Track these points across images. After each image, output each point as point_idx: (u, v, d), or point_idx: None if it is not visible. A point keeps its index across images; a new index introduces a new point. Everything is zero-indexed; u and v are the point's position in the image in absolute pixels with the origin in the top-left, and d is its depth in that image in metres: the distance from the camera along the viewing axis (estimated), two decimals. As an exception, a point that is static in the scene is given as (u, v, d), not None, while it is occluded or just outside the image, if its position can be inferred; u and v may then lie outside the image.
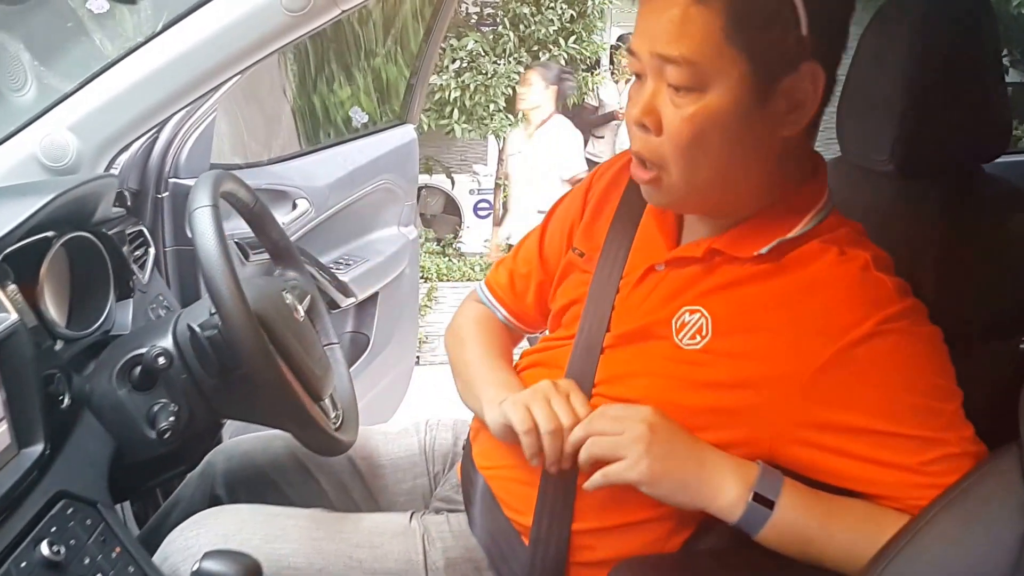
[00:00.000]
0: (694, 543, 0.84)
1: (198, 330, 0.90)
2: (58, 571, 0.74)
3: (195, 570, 0.73)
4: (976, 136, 0.92)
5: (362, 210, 1.89)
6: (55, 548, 0.74)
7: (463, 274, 5.03)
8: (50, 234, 0.93)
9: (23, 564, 0.72)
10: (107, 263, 1.06)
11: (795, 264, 0.78)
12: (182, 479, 1.12)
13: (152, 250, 1.26)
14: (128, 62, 1.01)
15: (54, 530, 0.76)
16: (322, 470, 1.08)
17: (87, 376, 0.93)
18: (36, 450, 0.80)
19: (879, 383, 0.74)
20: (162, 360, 0.89)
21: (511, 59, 5.20)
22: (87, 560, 0.77)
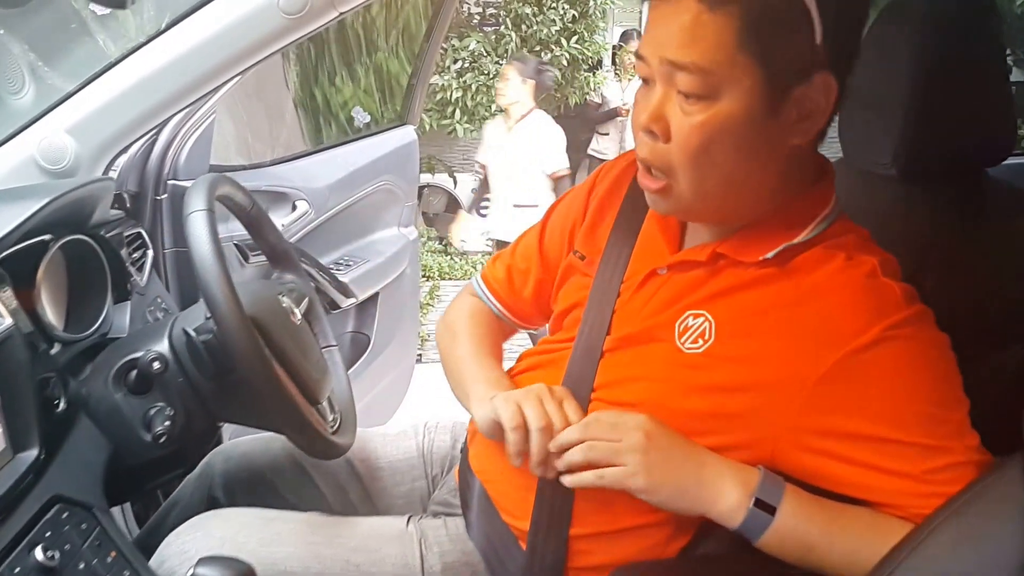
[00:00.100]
0: (693, 548, 0.83)
1: (193, 334, 0.91)
2: (52, 577, 0.73)
3: (190, 575, 0.73)
4: (980, 139, 0.90)
5: (362, 211, 1.89)
6: (50, 553, 0.73)
7: (465, 272, 5.03)
8: (47, 237, 0.93)
9: (17, 570, 0.71)
10: (104, 266, 1.06)
11: (801, 269, 0.77)
12: (180, 481, 1.12)
13: (150, 252, 1.26)
14: (125, 65, 1.01)
15: (49, 535, 0.76)
16: (320, 472, 1.08)
17: (83, 380, 0.93)
18: (31, 454, 0.80)
19: (884, 390, 0.73)
20: (157, 364, 0.89)
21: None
22: (82, 565, 0.77)
